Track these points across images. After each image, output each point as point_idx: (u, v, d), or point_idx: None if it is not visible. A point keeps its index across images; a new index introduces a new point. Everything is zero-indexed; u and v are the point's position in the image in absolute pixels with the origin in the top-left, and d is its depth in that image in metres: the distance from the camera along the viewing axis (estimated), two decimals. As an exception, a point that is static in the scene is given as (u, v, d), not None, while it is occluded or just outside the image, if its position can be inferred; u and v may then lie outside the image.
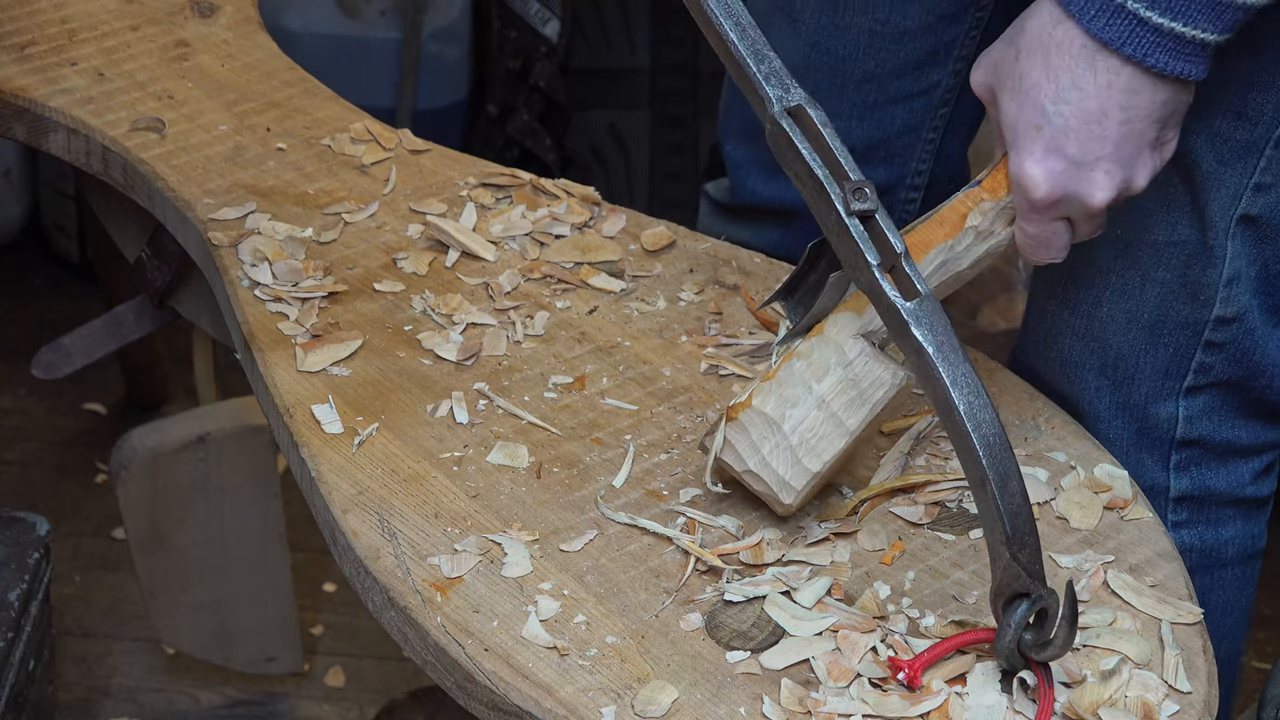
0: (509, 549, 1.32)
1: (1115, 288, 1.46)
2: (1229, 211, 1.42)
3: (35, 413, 2.62)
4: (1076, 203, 1.32)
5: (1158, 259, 1.44)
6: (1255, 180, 1.41)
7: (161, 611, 2.09)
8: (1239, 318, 1.46)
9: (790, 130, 1.26)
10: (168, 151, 1.66)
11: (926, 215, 1.38)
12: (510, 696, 1.23)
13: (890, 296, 1.22)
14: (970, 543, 1.36)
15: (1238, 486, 1.54)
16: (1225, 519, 1.55)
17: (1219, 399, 1.50)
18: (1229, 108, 1.39)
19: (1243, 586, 1.59)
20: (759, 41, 1.29)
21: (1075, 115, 1.29)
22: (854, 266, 1.25)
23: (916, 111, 1.70)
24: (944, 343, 1.21)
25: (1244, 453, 1.53)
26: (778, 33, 1.69)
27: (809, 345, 1.33)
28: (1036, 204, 1.32)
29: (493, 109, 2.89)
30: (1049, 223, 1.33)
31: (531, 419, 1.43)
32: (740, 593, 1.30)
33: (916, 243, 1.35)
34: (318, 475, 1.37)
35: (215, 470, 2.00)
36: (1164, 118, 1.31)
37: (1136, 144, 1.30)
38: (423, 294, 1.54)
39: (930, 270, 1.35)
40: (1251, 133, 1.39)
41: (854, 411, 1.32)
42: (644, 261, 1.60)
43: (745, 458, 1.32)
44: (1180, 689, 1.26)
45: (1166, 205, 1.43)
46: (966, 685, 1.23)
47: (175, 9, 1.84)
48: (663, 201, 2.85)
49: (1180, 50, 1.27)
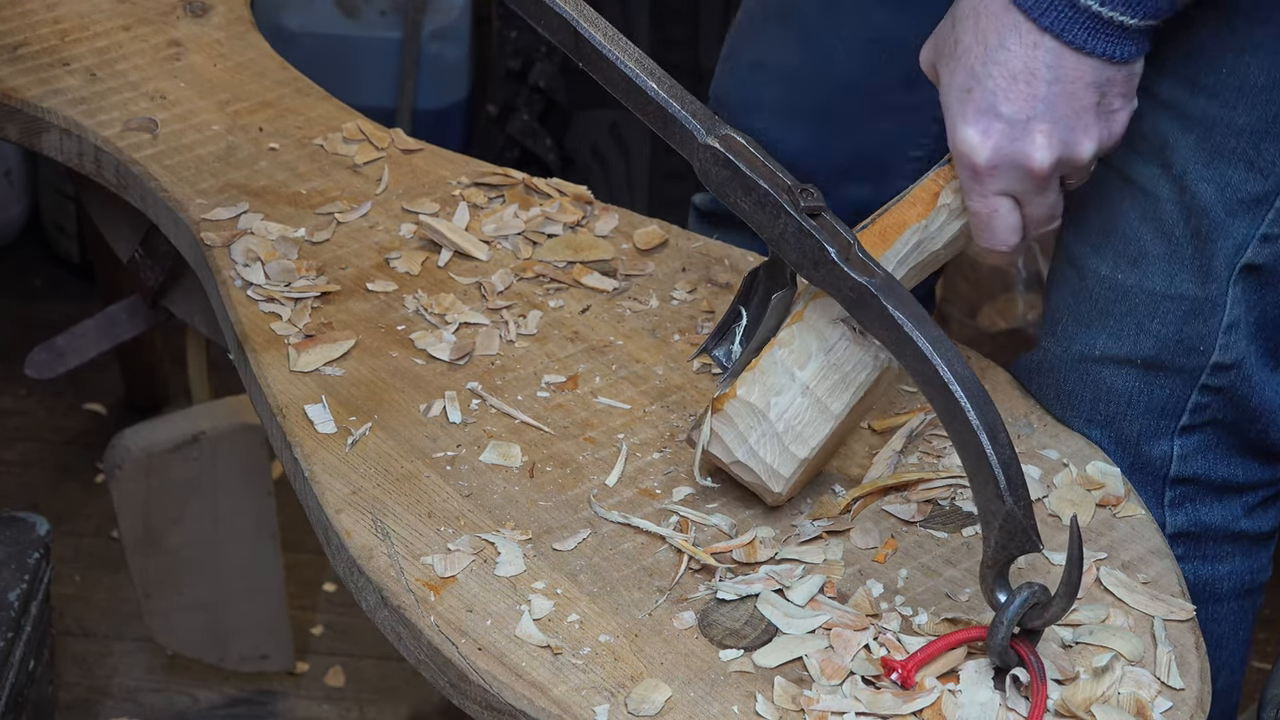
0: (502, 548, 1.32)
1: (1111, 332, 1.44)
2: (1234, 261, 1.40)
3: (35, 413, 2.62)
4: (1018, 168, 1.31)
5: (1154, 311, 1.43)
6: (1263, 231, 1.40)
7: (155, 610, 2.09)
8: (1236, 364, 1.44)
9: (727, 151, 1.30)
10: (160, 152, 1.66)
11: (898, 197, 1.38)
12: (504, 696, 1.23)
13: (857, 279, 1.26)
14: (963, 540, 1.36)
15: (1232, 521, 1.51)
16: (1222, 555, 1.52)
17: (1214, 438, 1.48)
18: (1241, 158, 1.37)
19: (1239, 621, 1.57)
20: (676, 87, 1.34)
21: (1003, 74, 1.29)
22: (813, 263, 1.28)
23: (905, 127, 1.69)
24: (914, 312, 1.25)
25: (1239, 489, 1.51)
26: (771, 38, 1.69)
27: (790, 333, 1.33)
28: (978, 171, 1.32)
29: (493, 109, 2.89)
30: (993, 197, 1.33)
31: (524, 418, 1.43)
32: (733, 591, 1.30)
33: (891, 223, 1.36)
34: (311, 475, 1.36)
35: (209, 469, 2.00)
36: (1099, 84, 1.30)
37: (1072, 107, 1.30)
38: (415, 293, 1.54)
39: (906, 251, 1.36)
40: (1263, 184, 1.38)
41: (838, 396, 1.32)
42: (636, 260, 1.60)
43: (733, 449, 1.32)
44: (1173, 685, 1.26)
45: (1170, 253, 1.41)
46: (959, 682, 1.23)
47: (167, 9, 1.84)
48: (662, 201, 2.85)
49: (1099, 29, 1.27)
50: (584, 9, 1.36)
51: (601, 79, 1.36)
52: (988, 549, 1.22)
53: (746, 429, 1.32)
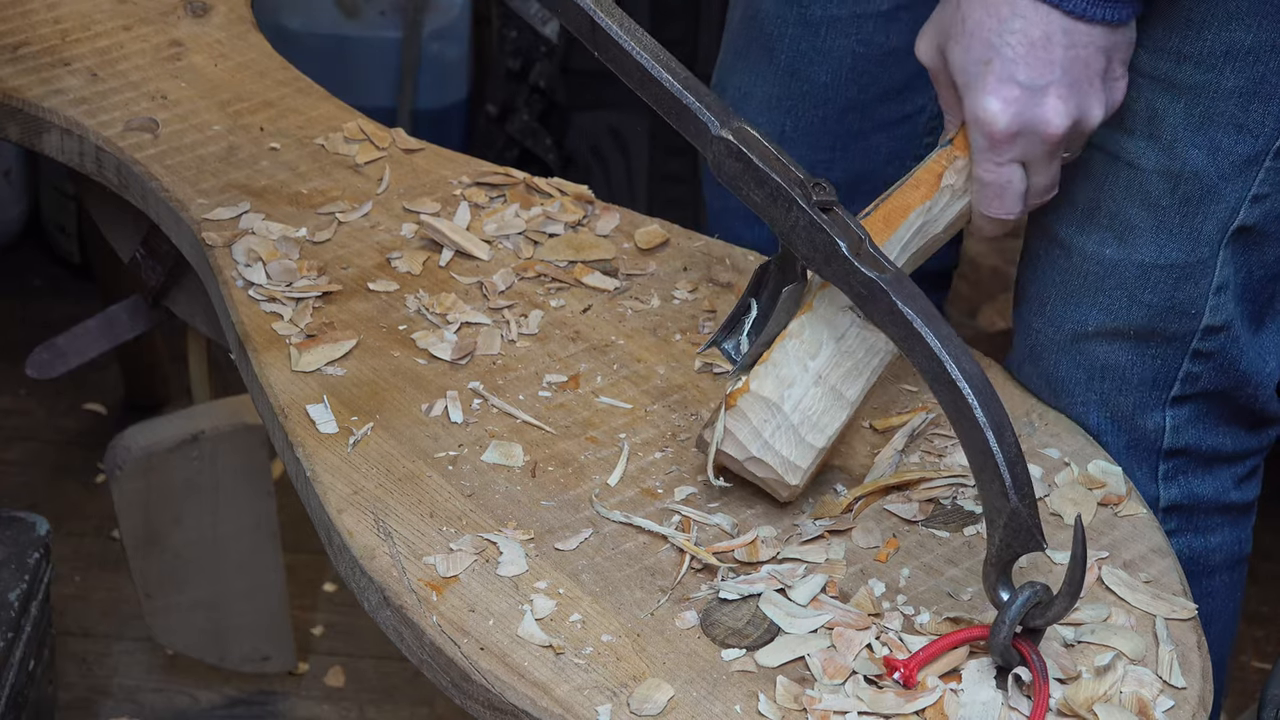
0: (504, 548, 1.32)
1: (1103, 307, 1.46)
2: (1226, 224, 1.42)
3: (35, 413, 2.62)
4: (1034, 134, 1.34)
5: (1145, 282, 1.45)
6: (1254, 192, 1.42)
7: (156, 610, 2.09)
8: (1226, 326, 1.46)
9: (740, 143, 1.31)
10: (161, 152, 1.66)
11: (899, 182, 1.39)
12: (506, 695, 1.23)
13: (868, 274, 1.26)
14: (964, 540, 1.36)
15: (1223, 492, 1.54)
16: (1213, 526, 1.55)
17: (1204, 408, 1.50)
18: (1230, 120, 1.39)
19: (1231, 592, 1.60)
20: (691, 79, 1.34)
21: (1021, 42, 1.32)
22: (825, 257, 1.28)
23: (901, 139, 1.69)
24: (924, 308, 1.25)
25: (1228, 459, 1.54)
26: (755, 66, 1.69)
27: (799, 324, 1.33)
28: (997, 138, 1.34)
29: (493, 109, 2.89)
30: (1006, 165, 1.36)
31: (526, 418, 1.43)
32: (735, 590, 1.30)
33: (895, 207, 1.37)
34: (313, 475, 1.36)
35: (209, 469, 2.00)
36: (1107, 50, 1.33)
37: (1085, 72, 1.33)
38: (417, 293, 1.54)
39: (910, 235, 1.37)
40: (1253, 145, 1.40)
41: (853, 382, 1.33)
42: (638, 260, 1.60)
43: (747, 444, 1.32)
44: (1175, 684, 1.26)
45: (1157, 224, 1.43)
46: (961, 681, 1.23)
47: (168, 9, 1.84)
48: (662, 202, 2.85)
49: None
50: None
51: (617, 69, 1.35)
52: (992, 547, 1.22)
53: (761, 423, 1.32)
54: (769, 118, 1.68)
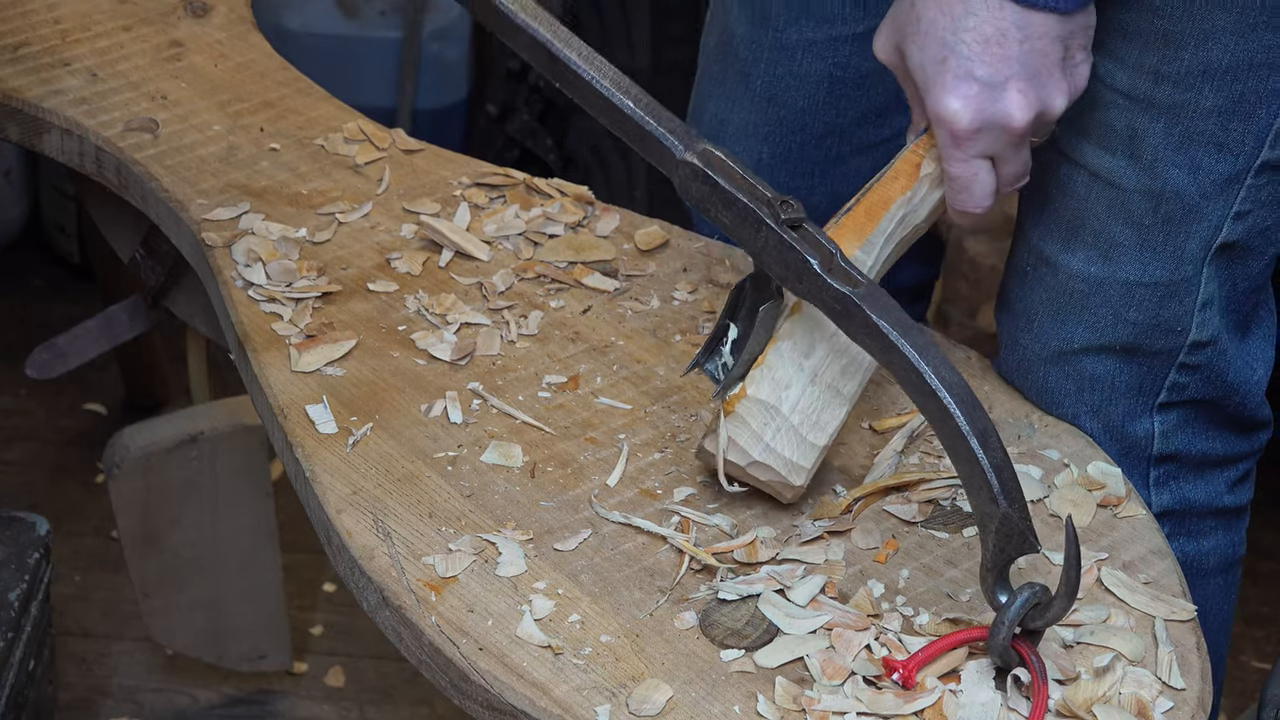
0: (503, 548, 1.32)
1: (1088, 325, 1.46)
2: (1209, 242, 1.42)
3: (35, 413, 2.62)
4: (997, 129, 1.33)
5: (1129, 300, 1.44)
6: (1236, 209, 1.41)
7: (154, 610, 2.09)
8: (1212, 340, 1.46)
9: (705, 166, 1.31)
10: (161, 152, 1.66)
11: (877, 176, 1.39)
12: (505, 696, 1.23)
13: (840, 289, 1.26)
14: (964, 541, 1.36)
15: (1215, 496, 1.54)
16: (1206, 530, 1.55)
17: (1192, 414, 1.50)
18: (1210, 139, 1.39)
19: (1225, 595, 1.60)
20: (654, 104, 1.34)
21: (976, 39, 1.31)
22: (798, 275, 1.29)
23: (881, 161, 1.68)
24: (899, 320, 1.25)
25: (1220, 463, 1.54)
26: (730, 92, 1.68)
27: (790, 326, 1.33)
28: (960, 136, 1.34)
29: (493, 109, 2.89)
30: (972, 160, 1.35)
31: (525, 418, 1.43)
32: (734, 591, 1.30)
33: (877, 200, 1.38)
34: (312, 475, 1.36)
35: (208, 469, 2.00)
36: (1064, 38, 1.33)
37: (1043, 62, 1.32)
38: (416, 294, 1.54)
39: (893, 226, 1.38)
40: (1234, 164, 1.39)
41: (849, 378, 1.33)
42: (637, 261, 1.60)
43: (749, 449, 1.32)
44: (1174, 686, 1.26)
45: (1141, 243, 1.43)
46: (960, 682, 1.23)
47: (168, 9, 1.84)
48: (662, 202, 2.85)
49: None
50: (558, 30, 1.36)
51: (578, 98, 1.36)
52: (986, 552, 1.22)
53: (761, 427, 1.32)
54: (746, 145, 1.68)
